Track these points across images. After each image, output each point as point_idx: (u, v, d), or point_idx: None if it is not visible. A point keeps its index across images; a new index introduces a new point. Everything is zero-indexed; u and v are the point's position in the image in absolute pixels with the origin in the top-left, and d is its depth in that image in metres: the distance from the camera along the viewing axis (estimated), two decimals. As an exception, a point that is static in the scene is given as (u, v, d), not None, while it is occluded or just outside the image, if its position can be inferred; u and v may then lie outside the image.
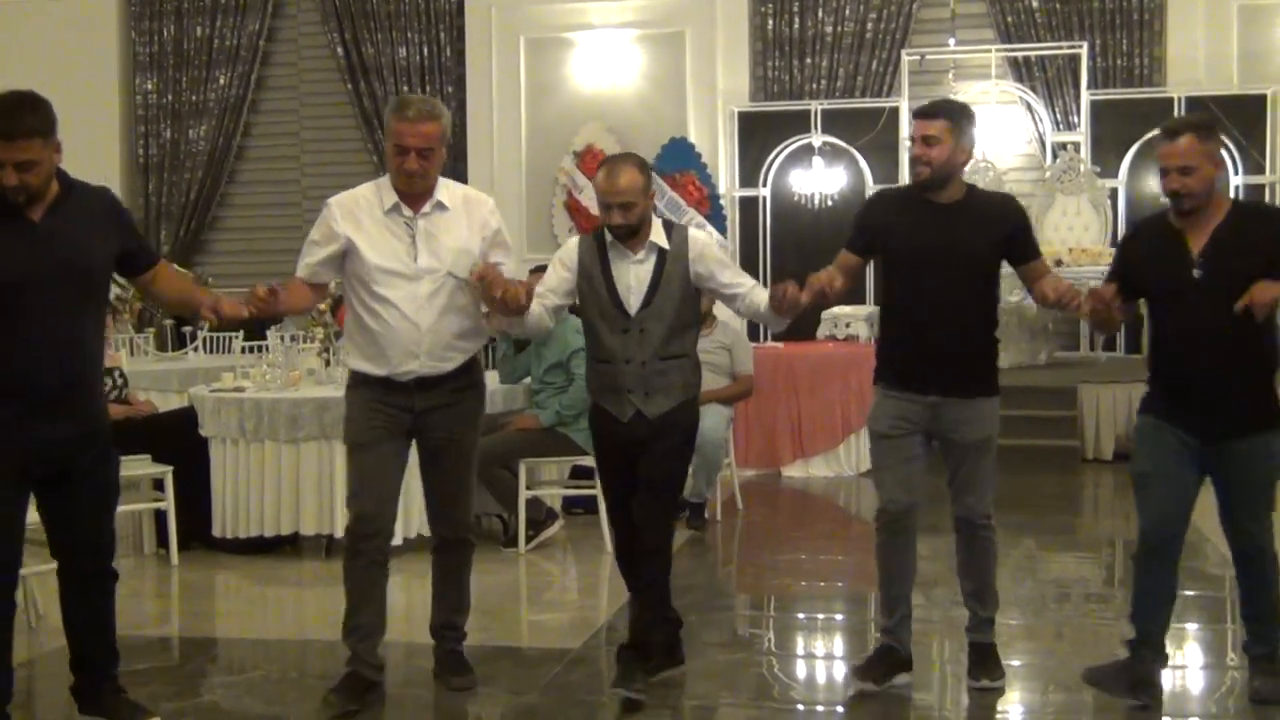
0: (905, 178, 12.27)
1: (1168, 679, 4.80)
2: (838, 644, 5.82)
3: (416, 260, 4.57)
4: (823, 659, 5.57)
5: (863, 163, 12.51)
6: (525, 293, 4.56)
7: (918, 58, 12.68)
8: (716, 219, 12.67)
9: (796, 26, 13.00)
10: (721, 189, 12.94)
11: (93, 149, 13.86)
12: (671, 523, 4.88)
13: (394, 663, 5.13)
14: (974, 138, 4.67)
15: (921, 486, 4.78)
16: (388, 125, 4.58)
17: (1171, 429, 4.46)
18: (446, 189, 4.67)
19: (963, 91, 12.52)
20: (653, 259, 4.68)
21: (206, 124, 14.06)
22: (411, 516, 7.03)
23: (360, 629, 4.69)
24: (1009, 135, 12.81)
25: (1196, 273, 4.35)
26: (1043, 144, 12.59)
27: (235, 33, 13.98)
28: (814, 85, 12.98)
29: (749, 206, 12.87)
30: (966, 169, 4.73)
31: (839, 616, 6.03)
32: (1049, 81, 12.58)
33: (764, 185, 12.80)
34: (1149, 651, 4.61)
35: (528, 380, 7.53)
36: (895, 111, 12.42)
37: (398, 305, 4.56)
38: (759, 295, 4.73)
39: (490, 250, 4.69)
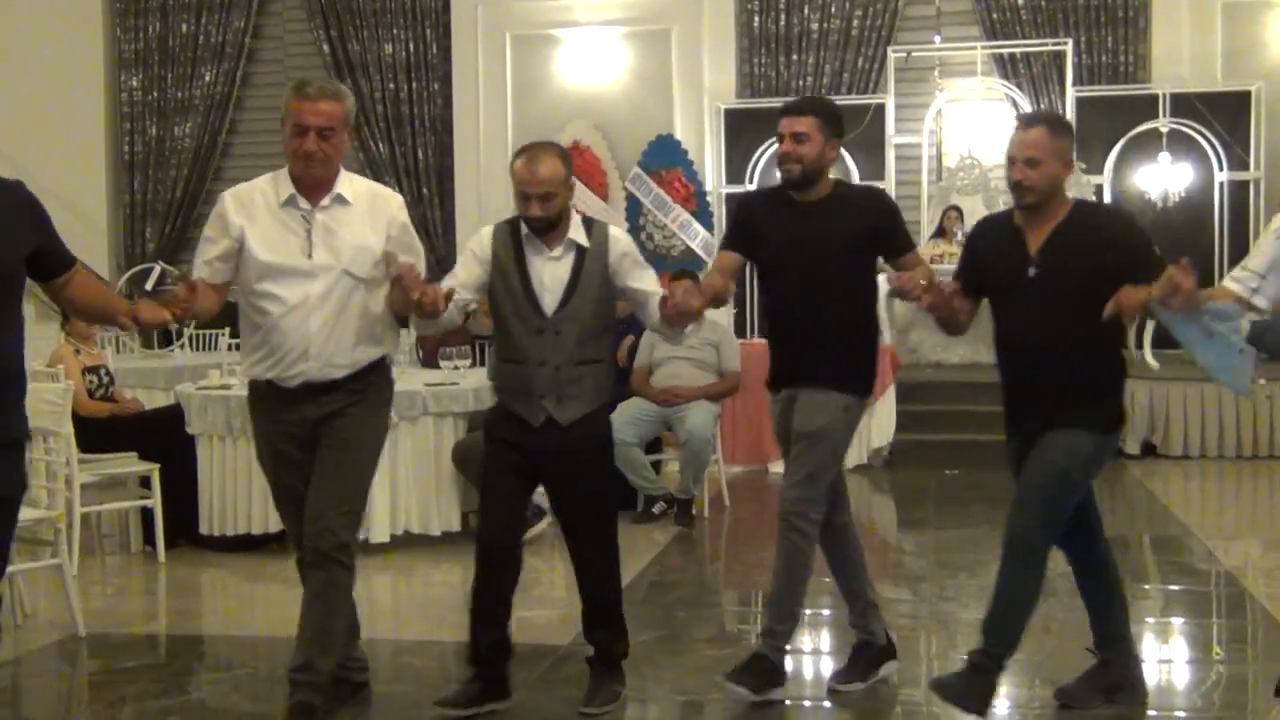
0: (892, 174, 12.34)
1: (1154, 674, 4.81)
2: (825, 639, 5.82)
3: (311, 256, 4.22)
4: (810, 654, 5.57)
5: (849, 159, 12.49)
6: (444, 296, 4.19)
7: (904, 55, 12.69)
8: (703, 216, 12.68)
9: (782, 23, 13.01)
10: (708, 186, 12.93)
11: (77, 146, 13.85)
12: (615, 540, 4.63)
13: (381, 661, 5.13)
14: (841, 136, 4.61)
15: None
16: (286, 107, 4.20)
17: (1015, 442, 4.40)
18: (349, 182, 4.33)
19: (948, 88, 12.58)
20: (571, 256, 4.42)
21: (192, 121, 14.01)
22: (399, 512, 7.05)
23: None
24: (994, 132, 12.82)
25: (1032, 271, 4.24)
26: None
27: (220, 29, 13.92)
28: (800, 82, 12.98)
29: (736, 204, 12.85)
30: (956, 167, 4.71)
31: (826, 611, 6.01)
32: (1034, 78, 12.60)
33: (750, 182, 12.74)
34: (1114, 653, 4.55)
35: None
36: (881, 108, 12.44)
37: (288, 303, 4.21)
38: (654, 306, 4.50)
39: (397, 251, 4.31)
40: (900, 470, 9.83)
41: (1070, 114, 12.21)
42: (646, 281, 4.53)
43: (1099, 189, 12.27)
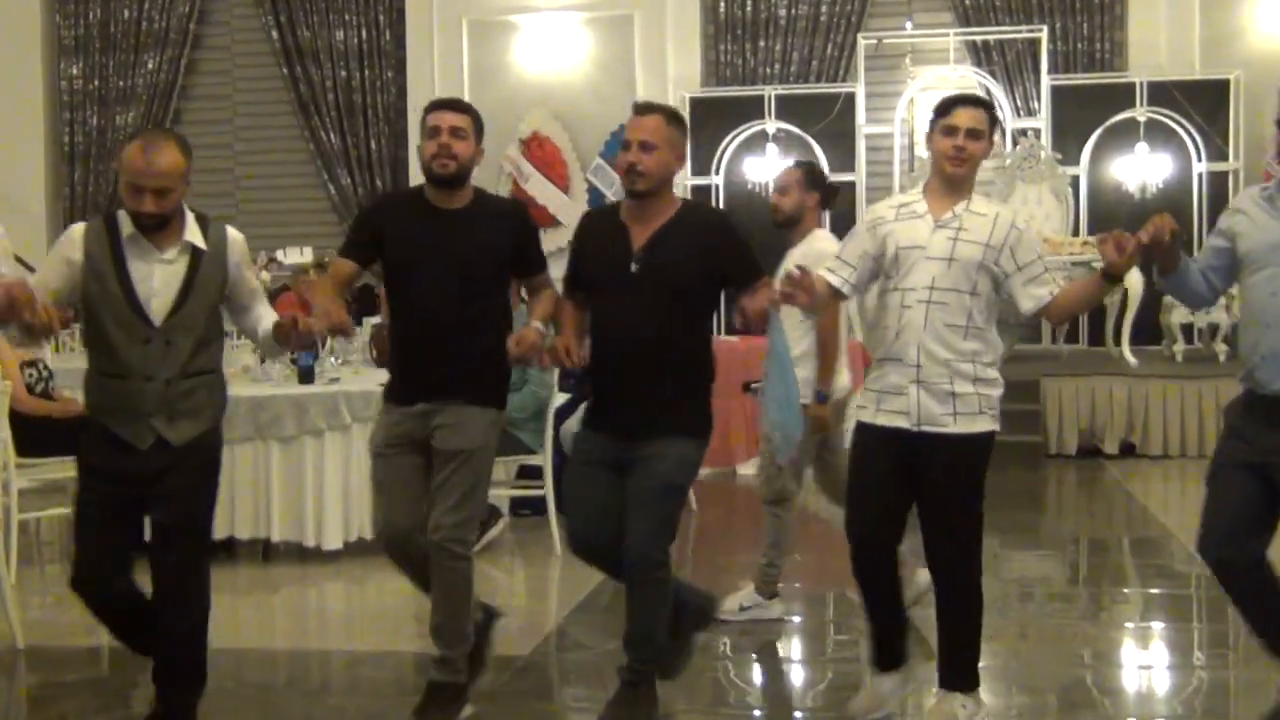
0: (863, 165, 12.22)
1: (1134, 680, 4.91)
2: (794, 647, 5.71)
3: None
4: (779, 663, 5.48)
5: (818, 149, 12.33)
6: (59, 319, 3.88)
7: (874, 42, 12.62)
8: (668, 207, 12.47)
9: (749, 9, 12.90)
10: (673, 177, 12.70)
11: (16, 136, 13.66)
12: (207, 567, 4.31)
13: (335, 672, 5.11)
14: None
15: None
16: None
17: (594, 438, 4.34)
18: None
19: (920, 76, 12.40)
20: (185, 260, 4.09)
21: (134, 110, 13.82)
22: (351, 518, 6.88)
23: None
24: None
25: (634, 267, 4.23)
26: (1002, 131, 12.40)
27: (164, 15, 13.76)
28: (768, 70, 12.87)
29: (701, 195, 12.65)
30: (929, 157, 4.40)
31: (796, 619, 5.90)
32: (1008, 66, 12.52)
33: (717, 173, 12.68)
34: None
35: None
36: (851, 97, 12.35)
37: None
38: (267, 320, 4.27)
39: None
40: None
41: (1045, 103, 12.15)
42: (251, 287, 4.34)
43: (1075, 180, 12.12)
